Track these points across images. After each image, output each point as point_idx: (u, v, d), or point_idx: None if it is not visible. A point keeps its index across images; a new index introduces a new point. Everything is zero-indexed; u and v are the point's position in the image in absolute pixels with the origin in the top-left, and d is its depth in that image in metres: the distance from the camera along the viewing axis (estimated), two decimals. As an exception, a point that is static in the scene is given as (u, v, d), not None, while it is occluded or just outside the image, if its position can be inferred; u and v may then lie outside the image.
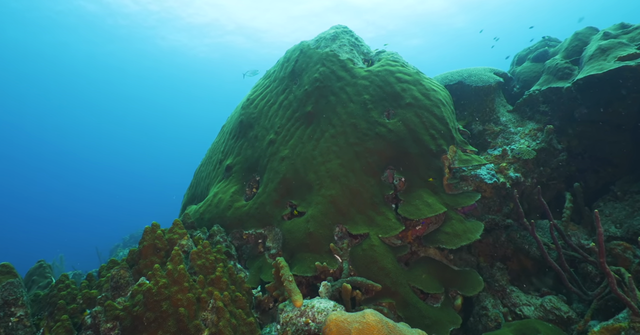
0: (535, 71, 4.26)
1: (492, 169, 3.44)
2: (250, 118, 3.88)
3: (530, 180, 3.44)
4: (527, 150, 3.44)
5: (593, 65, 2.97)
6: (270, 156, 3.43)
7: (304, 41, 4.01)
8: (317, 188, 3.05)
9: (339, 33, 3.81)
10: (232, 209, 3.42)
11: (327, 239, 2.83)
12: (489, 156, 3.66)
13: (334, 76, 3.43)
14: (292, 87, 3.70)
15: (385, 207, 2.89)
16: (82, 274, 9.92)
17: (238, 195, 3.53)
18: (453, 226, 2.74)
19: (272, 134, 3.52)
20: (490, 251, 3.50)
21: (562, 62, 3.63)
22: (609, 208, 3.38)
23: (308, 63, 3.68)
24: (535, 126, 3.73)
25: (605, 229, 3.17)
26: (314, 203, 3.00)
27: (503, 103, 4.15)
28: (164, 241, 2.39)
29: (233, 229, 3.34)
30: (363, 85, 3.28)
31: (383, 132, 3.04)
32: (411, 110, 3.08)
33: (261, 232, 3.21)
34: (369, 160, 3.00)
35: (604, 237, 3.22)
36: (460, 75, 4.21)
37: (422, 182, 2.92)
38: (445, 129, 3.04)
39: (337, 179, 3.00)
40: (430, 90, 3.21)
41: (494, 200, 3.38)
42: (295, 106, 3.52)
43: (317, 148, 3.19)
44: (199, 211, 3.64)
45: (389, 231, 2.72)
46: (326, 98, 3.37)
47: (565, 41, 4.00)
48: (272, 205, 3.21)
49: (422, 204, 2.79)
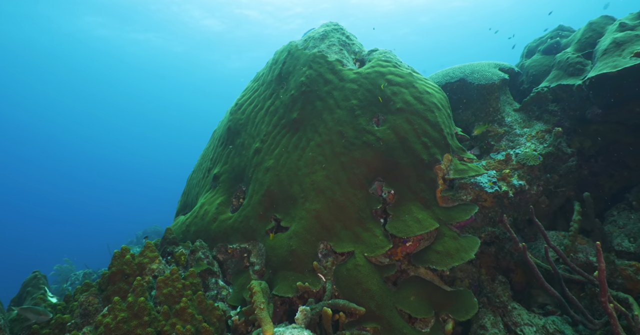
0: (546, 65, 3.90)
1: (493, 176, 3.18)
2: (237, 124, 3.71)
3: (536, 188, 3.16)
4: (533, 155, 3.15)
5: (606, 62, 2.65)
6: (255, 166, 3.28)
7: (292, 41, 3.79)
8: (302, 202, 2.88)
9: (329, 32, 3.56)
10: (217, 221, 3.29)
11: (311, 257, 2.67)
12: (491, 161, 3.39)
13: (321, 79, 3.22)
14: (279, 92, 3.51)
15: (372, 222, 2.69)
16: (93, 272, 10.21)
17: (224, 206, 3.40)
18: (445, 244, 2.53)
19: (258, 142, 3.36)
20: (492, 262, 3.27)
21: (574, 56, 3.29)
22: (623, 218, 3.08)
23: (295, 65, 3.47)
24: (543, 127, 3.41)
25: (618, 242, 2.89)
26: (297, 218, 2.83)
27: (509, 101, 3.84)
28: (133, 266, 2.28)
29: (218, 243, 3.22)
30: (351, 89, 3.06)
31: (371, 141, 2.82)
32: (402, 116, 2.84)
33: (245, 246, 3.08)
34: (355, 172, 2.80)
35: (614, 249, 2.95)
36: (462, 71, 3.91)
37: (413, 195, 2.71)
38: (439, 136, 2.80)
39: (322, 192, 2.82)
40: (423, 92, 2.95)
41: (495, 210, 3.13)
42: (281, 112, 3.33)
43: (302, 158, 3.01)
44: (186, 223, 3.53)
45: (375, 250, 2.53)
46: (313, 104, 3.16)
47: (577, 32, 3.62)
48: (256, 219, 3.07)
49: (412, 219, 2.58)
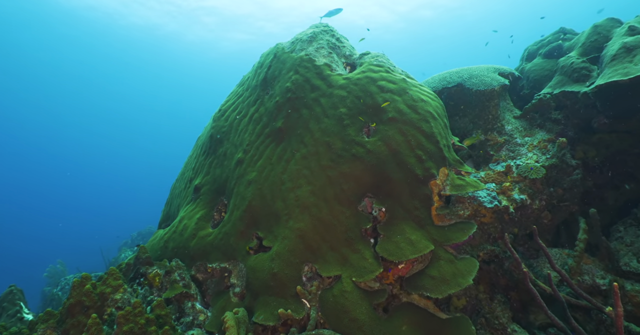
0: (547, 69, 3.69)
1: (493, 189, 2.96)
2: (220, 132, 3.48)
3: (539, 203, 2.94)
4: (536, 167, 2.93)
5: (616, 69, 2.43)
6: (237, 178, 3.04)
7: (279, 43, 3.55)
8: (285, 219, 2.65)
9: (318, 33, 3.33)
10: (196, 238, 3.06)
11: (294, 281, 2.44)
12: (490, 172, 3.17)
13: (307, 85, 2.98)
14: (264, 98, 3.27)
15: (361, 243, 2.47)
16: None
17: (204, 221, 3.16)
18: (440, 268, 2.31)
19: (241, 152, 3.12)
20: (491, 279, 3.06)
21: (579, 60, 3.07)
22: (631, 235, 2.87)
23: (281, 70, 3.23)
24: (545, 136, 3.20)
25: (625, 262, 2.68)
26: (280, 237, 2.60)
27: (509, 107, 3.62)
28: (94, 298, 2.05)
29: (197, 261, 2.99)
30: (340, 96, 2.83)
31: (360, 153, 2.60)
32: (394, 127, 2.62)
33: (225, 266, 2.85)
34: (343, 187, 2.57)
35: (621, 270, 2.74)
36: (460, 76, 3.69)
37: (406, 213, 2.48)
38: (435, 148, 2.58)
39: (307, 210, 2.59)
40: (418, 100, 2.73)
41: (494, 226, 2.92)
42: (265, 120, 3.10)
43: (287, 171, 2.78)
44: (164, 239, 3.30)
45: (364, 274, 2.31)
46: (298, 112, 2.93)
47: (582, 35, 3.41)
48: (236, 236, 2.84)
49: (404, 241, 2.36)
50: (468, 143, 3.34)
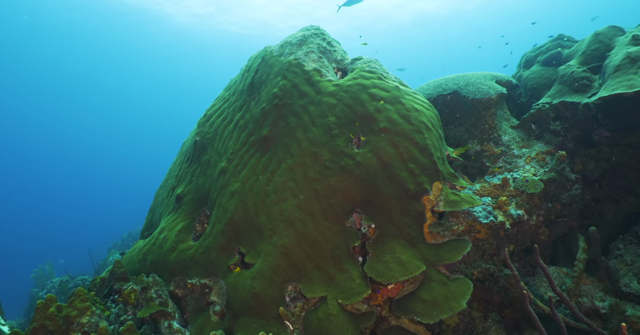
0: (546, 77, 3.56)
1: (488, 203, 2.83)
2: (204, 139, 3.31)
3: (536, 219, 2.81)
4: (533, 180, 2.80)
5: (620, 80, 2.31)
6: (220, 189, 2.88)
7: (267, 46, 3.39)
8: (269, 234, 2.49)
9: (308, 37, 3.17)
10: (176, 251, 2.89)
11: (277, 301, 2.29)
12: (486, 185, 3.04)
13: (295, 92, 2.83)
14: (250, 104, 3.11)
15: (349, 261, 2.32)
16: (70, 280, 9.73)
17: (185, 233, 3.00)
18: (432, 291, 2.17)
19: (225, 160, 2.96)
20: (485, 296, 2.93)
21: (579, 70, 2.95)
22: (631, 254, 2.75)
23: (268, 74, 3.07)
24: (544, 148, 3.07)
25: (626, 283, 2.56)
26: (263, 254, 2.45)
27: (506, 116, 3.49)
28: (58, 321, 1.88)
29: (176, 276, 2.82)
30: (329, 104, 2.67)
31: (349, 166, 2.44)
32: (386, 138, 2.47)
33: (205, 282, 2.69)
34: (330, 202, 2.42)
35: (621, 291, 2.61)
36: (456, 83, 3.55)
37: (396, 231, 2.34)
38: (429, 161, 2.43)
39: (292, 225, 2.43)
40: (411, 110, 2.58)
41: (489, 242, 2.78)
42: (251, 128, 2.94)
43: (272, 183, 2.62)
44: (143, 250, 3.13)
45: (351, 296, 2.16)
46: (285, 119, 2.77)
47: (582, 42, 3.28)
48: (218, 251, 2.67)
49: (394, 261, 2.21)
50: (457, 153, 3.22)
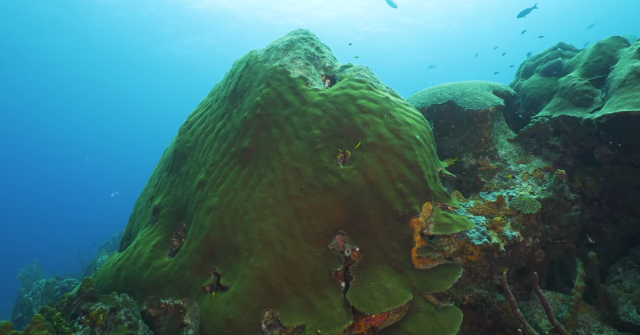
0: (546, 88, 3.40)
1: (482, 223, 2.67)
2: (184, 147, 3.13)
3: (532, 240, 2.65)
4: (530, 200, 2.64)
5: (626, 97, 2.14)
6: (198, 203, 2.70)
7: (253, 50, 3.21)
8: (246, 255, 2.32)
9: (295, 41, 2.99)
10: (150, 268, 2.71)
11: (252, 329, 2.11)
12: (480, 202, 2.88)
13: (280, 101, 2.65)
14: (232, 112, 2.93)
15: (330, 287, 2.15)
16: (56, 282, 9.53)
17: (160, 248, 2.82)
18: (419, 323, 2.00)
19: (204, 172, 2.78)
20: (476, 318, 2.78)
21: (581, 83, 2.78)
22: (630, 279, 2.59)
23: (252, 81, 2.89)
24: (542, 164, 2.91)
25: (624, 311, 2.40)
26: (239, 276, 2.27)
27: (503, 129, 3.33)
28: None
29: (150, 295, 2.65)
30: (314, 115, 2.50)
31: (334, 184, 2.27)
32: (373, 154, 2.30)
33: (179, 303, 2.51)
34: (312, 222, 2.25)
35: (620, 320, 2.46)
36: (452, 92, 3.38)
37: (382, 256, 2.17)
38: (419, 180, 2.26)
39: (271, 246, 2.26)
40: (402, 123, 2.41)
41: (482, 264, 2.62)
42: (231, 138, 2.76)
43: (251, 199, 2.44)
44: (117, 265, 2.94)
45: (331, 327, 1.99)
46: (268, 131, 2.60)
47: (583, 53, 3.12)
48: (193, 270, 2.50)
49: (379, 289, 2.04)
50: (448, 163, 3.07)
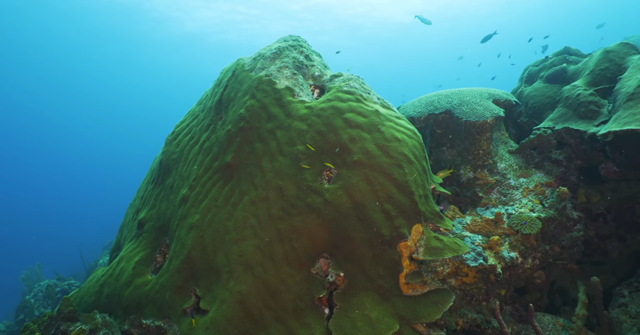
0: (549, 96, 3.22)
1: (479, 243, 2.52)
2: (170, 159, 3.03)
3: (531, 262, 2.50)
4: (530, 219, 2.48)
5: (633, 112, 1.97)
6: (180, 220, 2.60)
7: (240, 58, 3.08)
8: (226, 278, 2.21)
9: (284, 49, 2.86)
10: (132, 286, 2.63)
11: (230, 359, 2.01)
12: (477, 219, 2.73)
13: (264, 113, 2.53)
14: (217, 124, 2.81)
15: (312, 315, 2.03)
16: (57, 284, 9.57)
17: (143, 265, 2.73)
18: (405, 357, 1.87)
19: (187, 187, 2.67)
20: (474, 339, 2.64)
21: (586, 93, 2.61)
22: (636, 304, 2.43)
23: (237, 91, 2.77)
24: (543, 179, 2.74)
25: (634, 341, 2.24)
26: (219, 300, 2.17)
27: (504, 139, 3.16)
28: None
29: (131, 314, 2.56)
30: (298, 129, 2.37)
31: (317, 204, 2.14)
32: (360, 172, 2.17)
33: (160, 325, 2.42)
34: (294, 245, 2.13)
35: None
36: (449, 101, 3.22)
37: (367, 282, 2.04)
38: (408, 201, 2.12)
39: (251, 269, 2.15)
40: (391, 139, 2.27)
41: (478, 286, 2.47)
42: (215, 152, 2.65)
43: (233, 218, 2.33)
44: (100, 281, 2.87)
45: (312, 359, 1.87)
46: (251, 145, 2.48)
47: (589, 60, 2.93)
48: (173, 291, 2.40)
49: (362, 319, 1.92)
50: (443, 175, 2.92)
